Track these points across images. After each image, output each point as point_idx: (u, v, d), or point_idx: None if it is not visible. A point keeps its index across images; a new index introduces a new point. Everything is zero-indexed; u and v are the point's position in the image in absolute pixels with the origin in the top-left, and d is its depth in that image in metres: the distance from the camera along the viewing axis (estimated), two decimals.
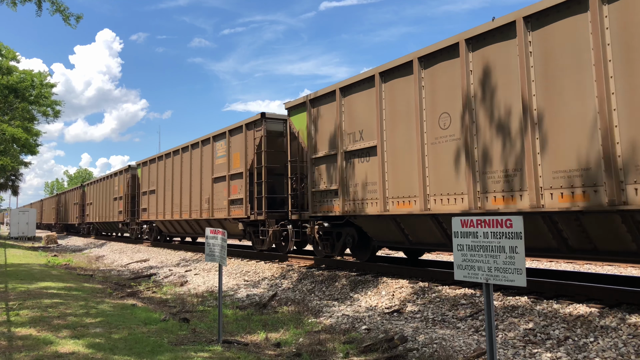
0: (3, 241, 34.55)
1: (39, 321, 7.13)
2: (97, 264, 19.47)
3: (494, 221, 3.55)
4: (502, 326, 6.30)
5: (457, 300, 7.52)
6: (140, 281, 13.13)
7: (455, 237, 3.79)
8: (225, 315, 7.86)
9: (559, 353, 5.30)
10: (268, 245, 13.72)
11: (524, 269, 3.38)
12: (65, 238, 39.87)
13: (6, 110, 29.39)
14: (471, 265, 3.69)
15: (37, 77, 30.17)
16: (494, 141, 7.37)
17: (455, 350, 5.68)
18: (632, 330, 5.50)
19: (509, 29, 7.16)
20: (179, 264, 16.14)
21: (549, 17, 6.68)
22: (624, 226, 6.18)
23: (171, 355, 5.41)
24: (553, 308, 6.50)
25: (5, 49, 28.96)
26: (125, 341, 6.04)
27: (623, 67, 5.94)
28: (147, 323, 7.21)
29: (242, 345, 6.08)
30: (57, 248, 29.93)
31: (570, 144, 6.42)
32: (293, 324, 7.19)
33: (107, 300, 9.53)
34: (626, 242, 6.31)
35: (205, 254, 6.62)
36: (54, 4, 11.45)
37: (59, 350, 5.55)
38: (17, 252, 24.01)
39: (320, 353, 5.72)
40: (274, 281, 11.32)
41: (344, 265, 11.36)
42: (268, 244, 13.63)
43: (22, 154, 32.82)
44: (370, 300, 8.54)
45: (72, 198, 42.08)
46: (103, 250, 25.55)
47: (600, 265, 11.94)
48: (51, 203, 55.34)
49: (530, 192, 6.82)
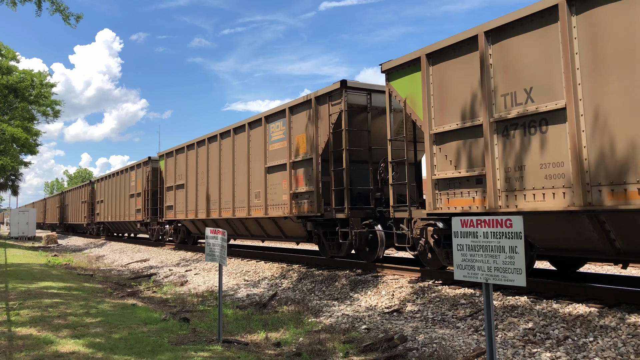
0: (3, 241, 34.56)
1: (39, 321, 7.14)
2: (97, 263, 19.48)
3: (494, 221, 3.56)
4: (501, 326, 6.31)
5: (457, 300, 7.53)
6: (140, 281, 13.14)
7: (455, 237, 3.80)
8: (226, 315, 7.87)
9: (558, 353, 5.31)
10: (347, 250, 11.25)
11: (523, 269, 3.39)
12: (65, 238, 39.87)
13: (6, 110, 29.39)
14: (471, 265, 3.70)
15: (37, 77, 30.18)
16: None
17: (455, 349, 5.69)
18: (632, 330, 5.51)
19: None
20: (179, 264, 16.15)
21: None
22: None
23: (171, 355, 5.42)
24: (552, 308, 6.51)
25: (5, 48, 28.97)
26: (126, 341, 6.05)
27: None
28: (148, 323, 7.22)
29: (242, 344, 6.08)
30: (57, 248, 29.93)
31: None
32: (293, 324, 7.20)
33: (108, 300, 9.54)
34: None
35: (205, 253, 6.63)
36: (54, 3, 11.48)
37: (59, 350, 5.56)
38: (17, 252, 24.01)
39: (320, 352, 5.73)
40: (274, 281, 11.33)
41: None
42: (347, 249, 11.16)
43: (22, 154, 32.84)
44: (370, 300, 8.55)
45: (79, 196, 39.19)
46: (103, 250, 25.56)
47: (600, 265, 11.95)
48: (55, 202, 52.62)
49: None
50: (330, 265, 11.74)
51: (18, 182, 40.73)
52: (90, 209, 35.19)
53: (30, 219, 39.74)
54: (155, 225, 22.60)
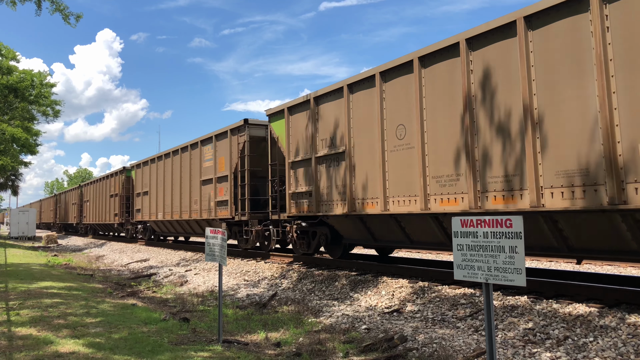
0: (3, 241, 34.55)
1: (39, 321, 7.13)
2: (97, 263, 19.48)
3: (494, 221, 3.55)
4: (501, 326, 6.31)
5: (457, 300, 7.53)
6: (140, 281, 13.14)
7: (455, 236, 3.80)
8: (225, 315, 7.87)
9: (558, 353, 5.30)
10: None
11: (523, 269, 3.39)
12: (65, 238, 39.88)
13: (6, 110, 29.37)
14: (471, 265, 3.70)
15: (37, 77, 30.15)
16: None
17: (455, 349, 5.69)
18: (632, 330, 5.51)
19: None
20: (179, 264, 16.15)
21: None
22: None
23: (171, 355, 5.41)
24: (552, 308, 6.51)
25: (5, 48, 28.94)
26: (126, 341, 6.05)
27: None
28: (148, 323, 7.21)
29: (242, 344, 6.08)
30: (57, 248, 29.93)
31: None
32: (293, 324, 7.19)
33: (108, 300, 9.53)
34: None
35: (205, 253, 6.63)
36: (54, 3, 11.48)
37: (59, 350, 5.55)
38: (17, 251, 24.00)
39: (320, 353, 5.73)
40: (274, 281, 11.33)
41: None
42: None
43: (22, 154, 32.83)
44: (370, 299, 8.54)
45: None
46: (103, 250, 25.56)
47: (600, 265, 11.95)
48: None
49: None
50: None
51: (18, 182, 40.74)
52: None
53: (30, 219, 39.79)
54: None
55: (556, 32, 6.57)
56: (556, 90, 6.55)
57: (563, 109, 6.47)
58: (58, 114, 32.36)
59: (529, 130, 6.79)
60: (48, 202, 58.64)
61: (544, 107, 6.68)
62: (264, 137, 14.61)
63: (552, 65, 6.62)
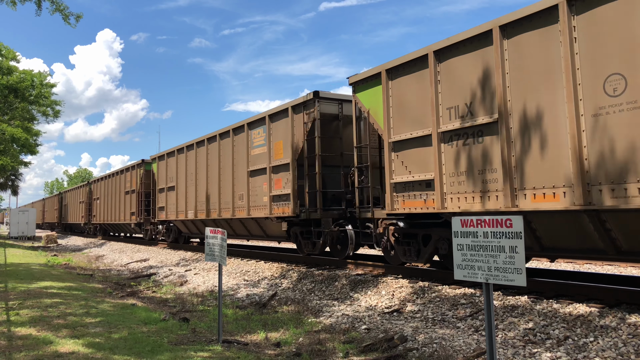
0: (3, 241, 34.56)
1: (39, 321, 7.13)
2: (96, 263, 19.48)
3: (494, 221, 3.55)
4: (501, 326, 6.31)
5: (457, 299, 7.52)
6: (140, 281, 13.13)
7: (455, 236, 3.80)
8: (225, 315, 7.86)
9: (558, 353, 5.30)
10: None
11: (523, 269, 3.38)
12: (65, 238, 39.86)
13: (6, 110, 29.37)
14: (471, 265, 3.69)
15: (37, 77, 30.14)
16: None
17: (455, 350, 5.68)
18: (632, 329, 5.50)
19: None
20: (179, 264, 16.14)
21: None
22: None
23: (171, 355, 5.41)
24: (553, 308, 6.50)
25: (5, 49, 28.94)
26: (125, 341, 6.04)
27: None
28: (147, 323, 7.21)
29: (242, 344, 6.08)
30: (56, 248, 29.93)
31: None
32: (293, 324, 7.19)
33: (107, 299, 9.53)
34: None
35: (205, 253, 6.62)
36: (54, 3, 11.48)
37: (59, 350, 5.55)
38: (17, 251, 24.01)
39: (320, 353, 5.72)
40: (274, 281, 11.33)
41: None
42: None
43: (22, 154, 32.83)
44: (370, 299, 8.54)
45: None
46: (103, 249, 25.56)
47: (600, 265, 11.94)
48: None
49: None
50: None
51: (18, 182, 40.79)
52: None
53: (30, 218, 39.74)
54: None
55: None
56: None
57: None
58: (58, 114, 32.38)
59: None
60: (51, 201, 55.61)
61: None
62: (337, 114, 11.95)
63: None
